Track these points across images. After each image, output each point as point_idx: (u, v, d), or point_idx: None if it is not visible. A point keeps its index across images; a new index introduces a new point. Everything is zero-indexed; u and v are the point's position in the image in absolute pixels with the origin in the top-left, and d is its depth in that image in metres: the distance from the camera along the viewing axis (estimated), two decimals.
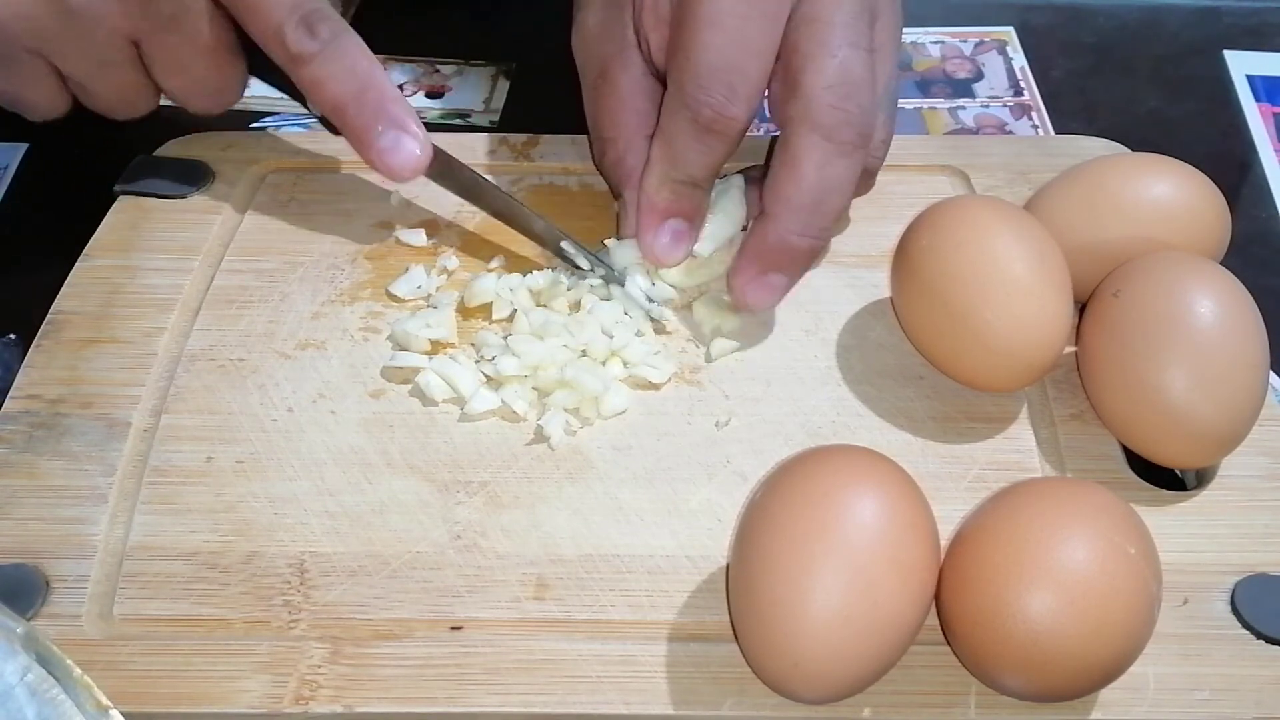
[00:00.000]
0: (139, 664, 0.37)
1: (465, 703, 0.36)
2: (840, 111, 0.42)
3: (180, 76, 0.46)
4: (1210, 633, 0.38)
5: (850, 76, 0.43)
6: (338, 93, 0.45)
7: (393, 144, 0.45)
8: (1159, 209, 0.45)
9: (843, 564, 0.34)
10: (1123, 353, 0.41)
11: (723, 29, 0.42)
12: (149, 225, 0.50)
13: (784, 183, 0.43)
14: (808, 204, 0.43)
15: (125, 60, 0.45)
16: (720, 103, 0.43)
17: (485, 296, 0.47)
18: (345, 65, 0.45)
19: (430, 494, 0.41)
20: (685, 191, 0.45)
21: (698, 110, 0.43)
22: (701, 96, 0.43)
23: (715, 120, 0.43)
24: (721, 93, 0.43)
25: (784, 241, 0.44)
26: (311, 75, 0.45)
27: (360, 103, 0.45)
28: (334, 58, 0.44)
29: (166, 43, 0.45)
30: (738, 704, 0.36)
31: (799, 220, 0.43)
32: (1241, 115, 0.63)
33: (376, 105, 0.45)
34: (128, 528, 0.40)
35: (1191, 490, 0.42)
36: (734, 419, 0.43)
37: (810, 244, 0.44)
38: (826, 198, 0.43)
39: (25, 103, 0.47)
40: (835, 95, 0.42)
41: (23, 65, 0.45)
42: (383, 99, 0.45)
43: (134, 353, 0.45)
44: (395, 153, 0.45)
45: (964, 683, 0.36)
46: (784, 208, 0.43)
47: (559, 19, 0.50)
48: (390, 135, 0.45)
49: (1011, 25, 0.68)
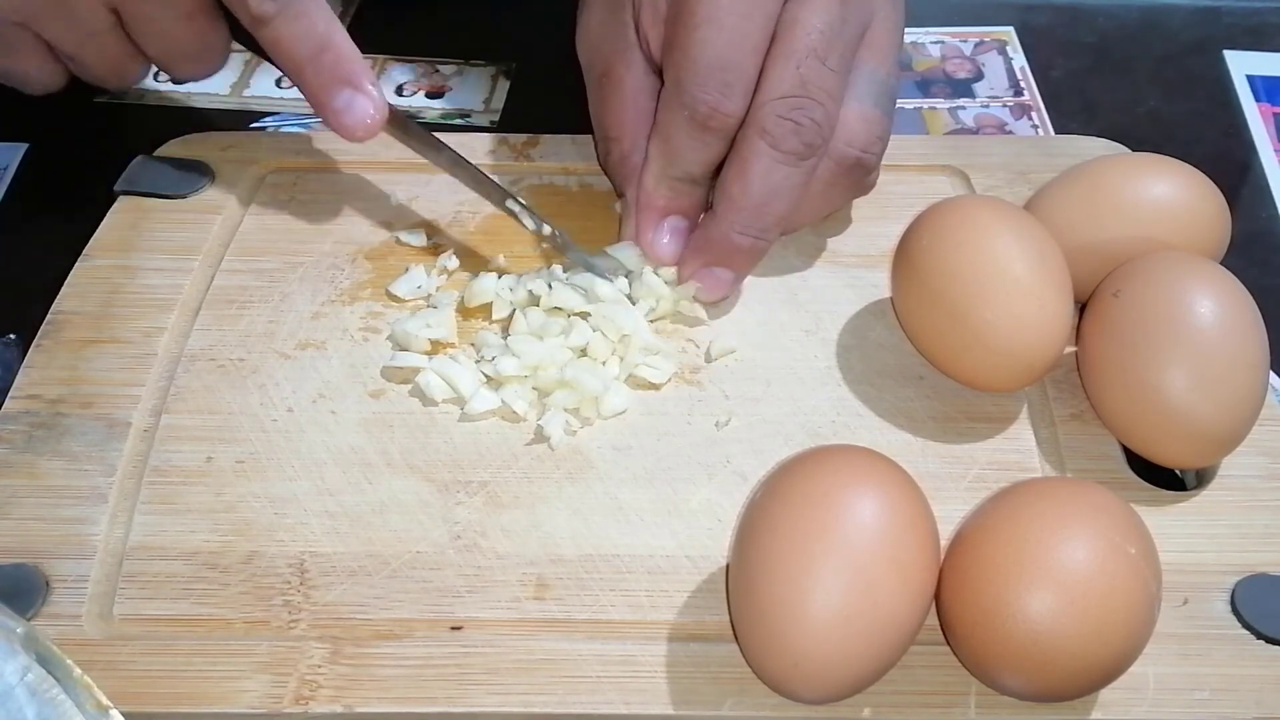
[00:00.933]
0: (139, 664, 0.37)
1: (465, 703, 0.36)
2: (788, 122, 0.43)
3: (162, 42, 0.48)
4: (1210, 633, 0.38)
5: (807, 89, 0.43)
6: (295, 53, 0.46)
7: (346, 104, 0.46)
8: (1159, 209, 0.45)
9: (843, 564, 0.34)
10: (1123, 353, 0.41)
11: (718, 26, 0.43)
12: (149, 225, 0.50)
13: (729, 182, 0.44)
14: (750, 206, 0.44)
15: (108, 28, 0.47)
16: (716, 99, 0.43)
17: (485, 296, 0.47)
18: (303, 26, 0.45)
19: (430, 494, 0.41)
20: (683, 189, 0.46)
21: (694, 107, 0.43)
22: (697, 93, 0.43)
23: (711, 116, 0.43)
24: (717, 89, 0.43)
25: (726, 238, 0.45)
26: (270, 35, 0.46)
27: (317, 64, 0.46)
28: (292, 18, 0.45)
29: (144, 10, 0.46)
30: (738, 704, 0.36)
31: (741, 220, 0.44)
32: (1241, 115, 0.63)
33: (332, 66, 0.45)
34: (128, 528, 0.40)
35: (1191, 490, 0.42)
36: (734, 419, 0.43)
37: (751, 243, 0.45)
38: (769, 201, 0.44)
39: (20, 77, 0.49)
40: (786, 106, 0.43)
41: (12, 40, 0.47)
42: (338, 59, 0.46)
43: (134, 353, 0.45)
44: (349, 113, 0.46)
45: (964, 683, 0.36)
46: (728, 206, 0.44)
47: (559, 19, 0.50)
48: (345, 95, 0.46)
49: (1011, 25, 0.68)
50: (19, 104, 0.61)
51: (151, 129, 0.54)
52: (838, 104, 0.44)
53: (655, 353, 0.45)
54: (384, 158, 0.53)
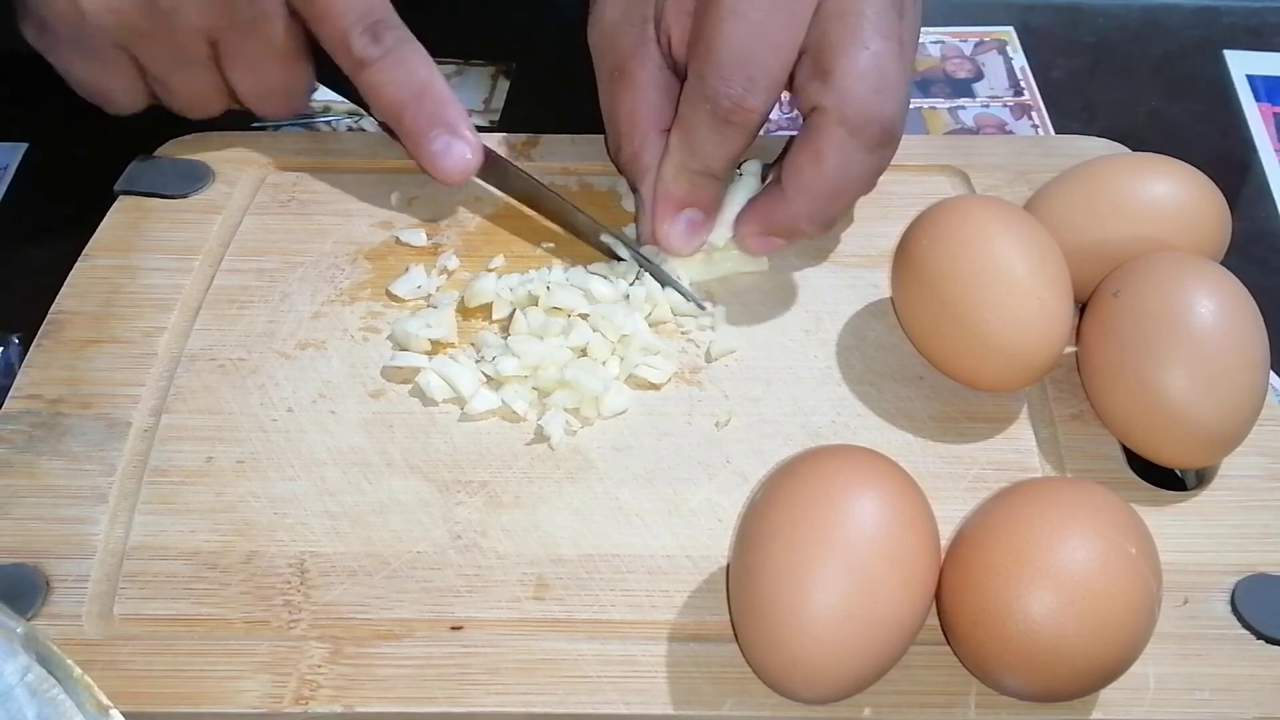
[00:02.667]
0: (139, 664, 0.37)
1: (465, 703, 0.36)
2: (872, 106, 0.42)
3: (253, 77, 0.49)
4: (1210, 633, 0.38)
5: (883, 70, 0.43)
6: (396, 98, 0.47)
7: (444, 148, 0.47)
8: (1159, 209, 0.45)
9: (843, 564, 0.34)
10: (1123, 353, 0.41)
11: (745, 21, 0.42)
12: (149, 225, 0.50)
13: (805, 169, 0.44)
14: (824, 194, 0.44)
15: (203, 59, 0.48)
16: (739, 94, 0.43)
17: (485, 296, 0.47)
18: (405, 71, 0.47)
19: (430, 494, 0.41)
20: (702, 182, 0.45)
21: (717, 101, 0.43)
22: (721, 87, 0.43)
23: (734, 111, 0.43)
24: (741, 84, 0.43)
25: (793, 223, 0.45)
26: (371, 80, 0.47)
27: (417, 108, 0.47)
28: (395, 64, 0.47)
29: (243, 44, 0.47)
30: (738, 704, 0.36)
31: (812, 207, 0.44)
32: (1241, 115, 0.63)
33: (432, 110, 0.47)
34: (128, 528, 0.40)
35: (1191, 490, 0.42)
36: (734, 419, 0.43)
37: (817, 230, 0.46)
38: (843, 190, 0.44)
39: (105, 95, 0.49)
40: (867, 88, 0.42)
41: (107, 58, 0.48)
42: (438, 104, 0.47)
43: (134, 353, 0.45)
44: (446, 156, 0.47)
45: (964, 683, 0.36)
46: (800, 193, 0.44)
47: (559, 19, 0.50)
48: (443, 140, 0.47)
49: (1011, 25, 0.68)
50: (19, 104, 0.61)
51: (151, 129, 0.54)
52: (908, 86, 0.44)
53: (655, 353, 0.45)
54: (384, 158, 0.53)
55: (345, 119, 0.61)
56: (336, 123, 0.61)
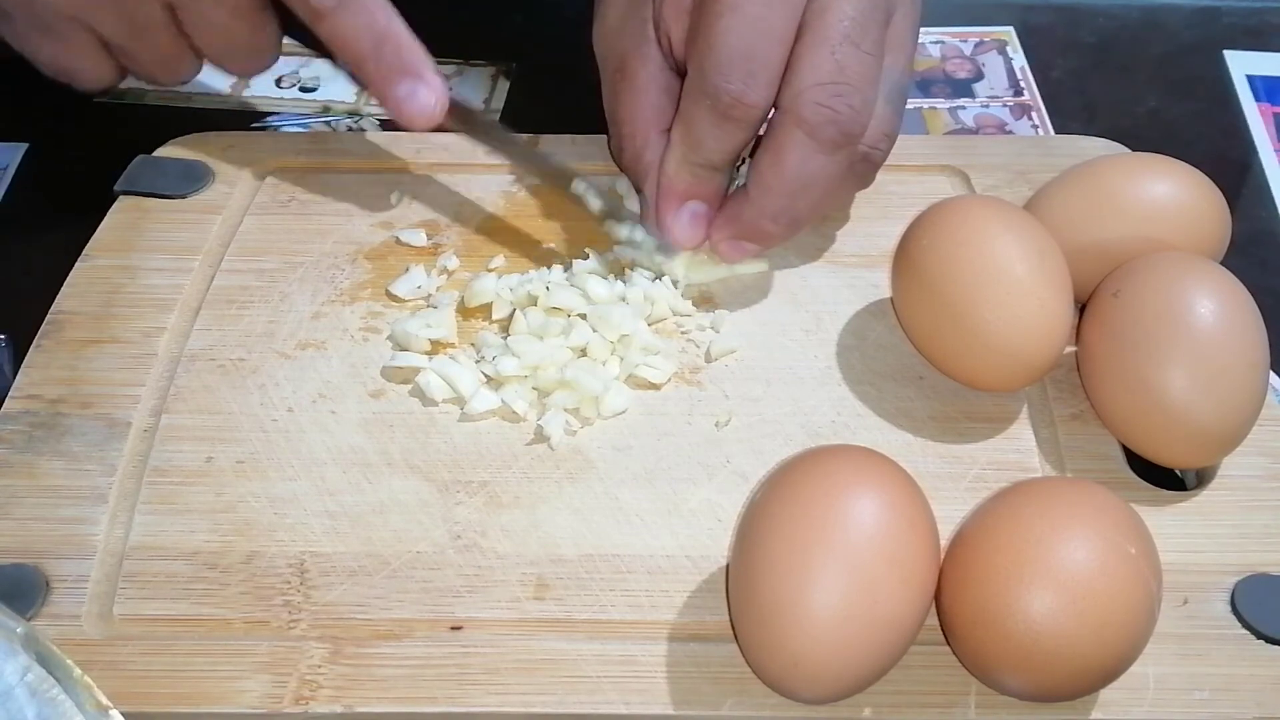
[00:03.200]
0: (139, 664, 0.37)
1: (465, 703, 0.36)
2: (826, 110, 0.42)
3: (215, 37, 0.48)
4: (1210, 633, 0.38)
5: (845, 76, 0.42)
6: (356, 46, 0.46)
7: (409, 93, 0.46)
8: (1159, 209, 0.45)
9: (843, 564, 0.34)
10: (1123, 353, 0.41)
11: (744, 15, 0.42)
12: (149, 225, 0.50)
13: (764, 169, 0.44)
14: (785, 193, 0.44)
15: (161, 23, 0.47)
16: (740, 89, 0.43)
17: (485, 296, 0.47)
18: (363, 18, 0.46)
19: (430, 494, 0.41)
20: (705, 175, 0.45)
21: (717, 96, 0.43)
22: (721, 83, 0.43)
23: (734, 106, 0.43)
24: (741, 79, 0.42)
25: (757, 224, 0.45)
26: (330, 30, 0.46)
27: (378, 55, 0.46)
28: (352, 12, 0.46)
29: (198, 5, 0.47)
30: (738, 704, 0.36)
31: (774, 206, 0.44)
32: (1241, 115, 0.63)
33: (393, 56, 0.46)
34: (128, 528, 0.40)
35: (1191, 490, 0.42)
36: (734, 419, 0.43)
37: (783, 230, 0.45)
38: (804, 190, 0.44)
39: (73, 72, 0.49)
40: (825, 93, 0.42)
41: (66, 34, 0.47)
42: (399, 50, 0.46)
43: (134, 353, 0.45)
44: (411, 101, 0.46)
45: (964, 683, 0.36)
46: (761, 192, 0.44)
47: (559, 19, 0.50)
48: (406, 85, 0.46)
49: (1011, 25, 0.68)
50: (19, 104, 0.61)
51: (151, 129, 0.54)
52: (875, 90, 0.44)
53: (655, 353, 0.45)
54: (384, 158, 0.53)
55: (345, 119, 0.62)
56: (336, 123, 0.61)
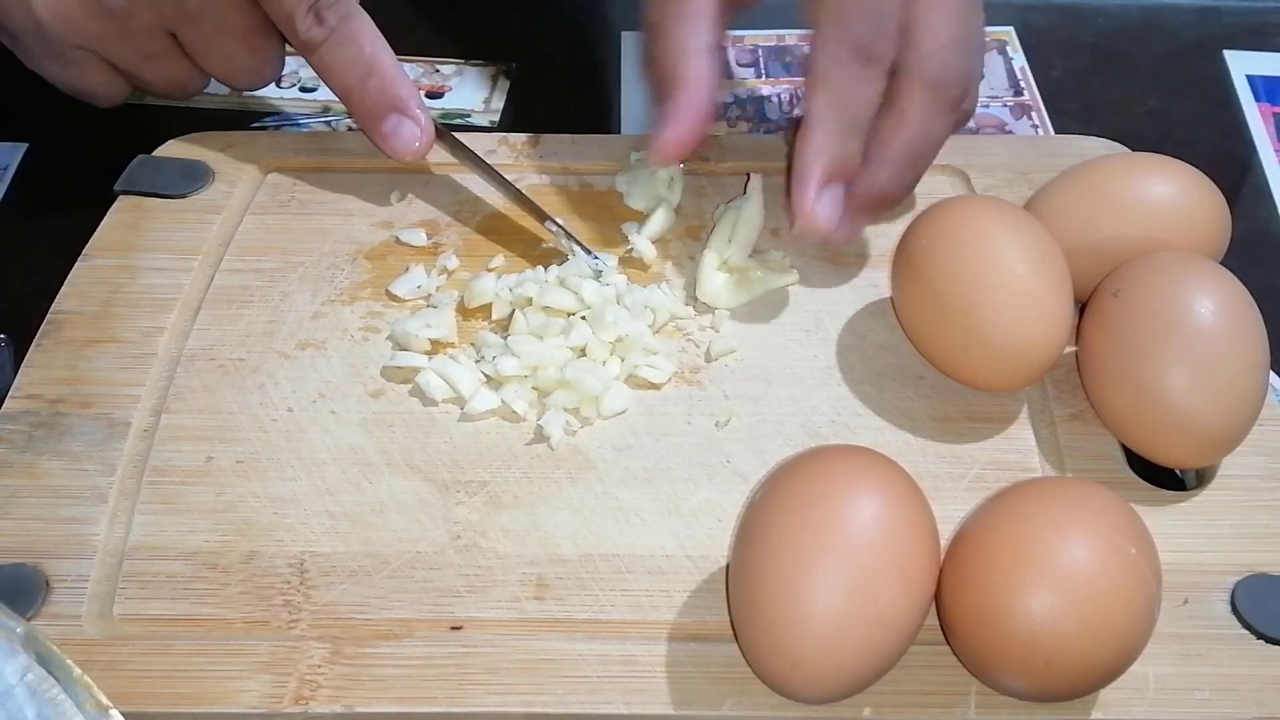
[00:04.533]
0: (139, 664, 0.37)
1: (465, 703, 0.36)
2: (951, 69, 0.44)
3: (218, 60, 0.49)
4: (1210, 633, 0.38)
5: (964, 33, 0.44)
6: (343, 79, 0.47)
7: (393, 129, 0.48)
8: (1159, 209, 0.45)
9: (843, 564, 0.34)
10: (1123, 353, 0.41)
11: None
12: (149, 225, 0.50)
13: (887, 132, 0.44)
14: (908, 156, 0.45)
15: (166, 50, 0.48)
16: (876, 31, 0.43)
17: (485, 297, 0.47)
18: (351, 52, 0.47)
19: (430, 494, 0.41)
20: (849, 143, 0.44)
21: (859, 40, 0.43)
22: (861, 27, 0.43)
23: (875, 44, 0.43)
24: (875, 22, 0.43)
25: (880, 190, 0.45)
26: (320, 62, 0.47)
27: (364, 89, 0.47)
28: (340, 45, 0.47)
29: (200, 31, 0.48)
30: (738, 704, 0.36)
31: (898, 170, 0.45)
32: (1241, 115, 0.63)
33: (379, 91, 0.47)
34: (128, 528, 0.40)
35: (1191, 490, 0.42)
36: (734, 419, 0.43)
37: (900, 193, 0.46)
38: (925, 150, 0.45)
39: (87, 93, 0.50)
40: (951, 54, 0.44)
41: (76, 60, 0.48)
42: (384, 84, 0.47)
43: (134, 353, 0.45)
44: (396, 137, 0.48)
45: (964, 683, 0.36)
46: (885, 156, 0.45)
47: (559, 19, 0.50)
48: (391, 120, 0.48)
49: (1011, 25, 0.68)
50: (19, 104, 0.61)
51: (151, 129, 0.54)
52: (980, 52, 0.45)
53: (655, 353, 0.45)
54: (384, 158, 0.53)
55: (345, 119, 0.61)
56: (336, 123, 0.61)
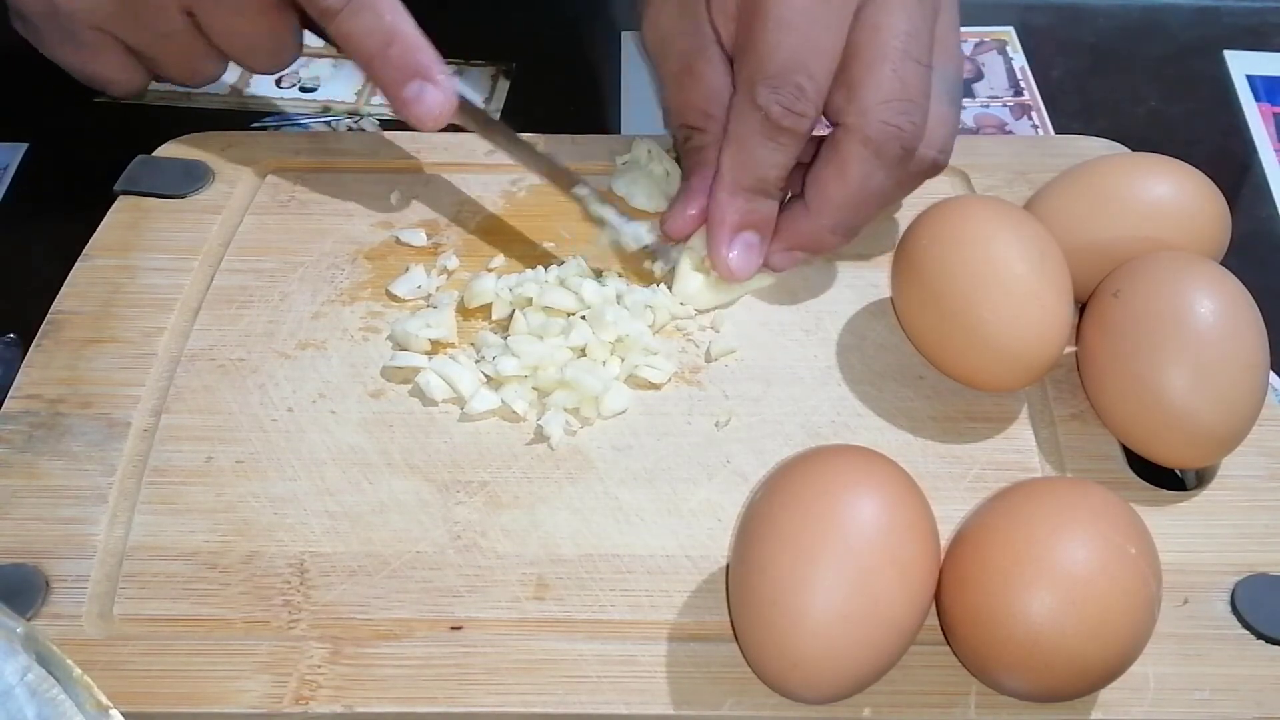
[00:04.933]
0: (139, 664, 0.37)
1: (465, 703, 0.36)
2: (893, 128, 0.44)
3: (236, 39, 0.49)
4: (1210, 633, 0.38)
5: (906, 93, 0.44)
6: (364, 46, 0.47)
7: (416, 94, 0.47)
8: (1159, 209, 0.45)
9: (843, 564, 0.34)
10: (1123, 353, 0.41)
11: (792, 29, 0.43)
12: (149, 225, 0.50)
13: (828, 183, 0.45)
14: (848, 206, 0.45)
15: (183, 29, 0.48)
16: (790, 100, 0.44)
17: (485, 297, 0.47)
18: (371, 18, 0.46)
19: (430, 494, 0.41)
20: (757, 200, 0.46)
21: (769, 108, 0.44)
22: (771, 96, 0.44)
23: (784, 117, 0.44)
24: (792, 92, 0.43)
25: (817, 235, 0.46)
26: (339, 29, 0.47)
27: (385, 56, 0.47)
28: (359, 11, 0.46)
29: (217, 8, 0.47)
30: (738, 704, 0.36)
31: (836, 218, 0.46)
32: (1241, 115, 0.63)
33: (401, 57, 0.47)
34: (128, 528, 0.40)
35: (1191, 490, 0.42)
36: (734, 419, 0.43)
37: (841, 240, 0.47)
38: (865, 203, 0.46)
39: (102, 79, 0.50)
40: (891, 111, 0.43)
41: (91, 42, 0.48)
42: (407, 50, 0.47)
43: (134, 353, 0.45)
44: (419, 102, 0.47)
45: (964, 683, 0.36)
46: (823, 204, 0.45)
47: (559, 19, 0.50)
48: (414, 86, 0.47)
49: (1011, 25, 0.68)
50: (19, 104, 0.61)
51: (151, 129, 0.54)
52: (929, 101, 0.45)
53: (655, 353, 0.45)
54: (384, 158, 0.53)
55: (345, 119, 0.62)
56: (336, 123, 0.61)
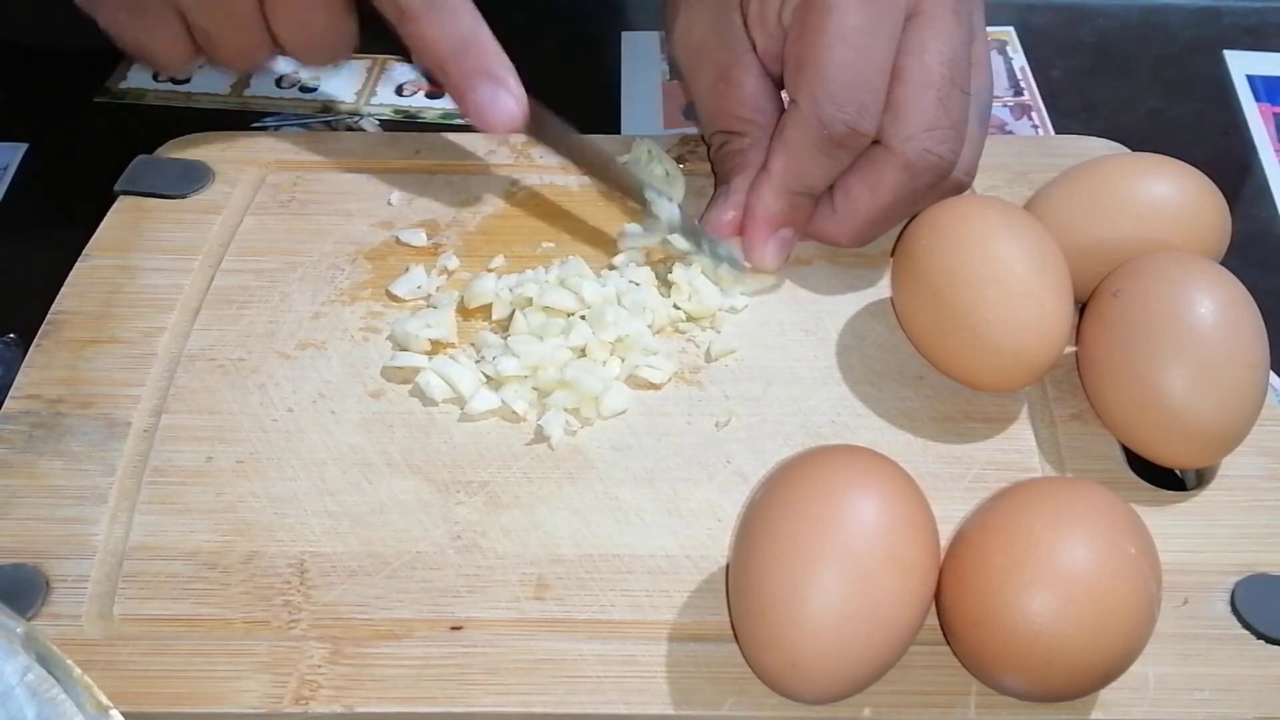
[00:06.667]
0: (139, 664, 0.37)
1: (465, 703, 0.36)
2: (933, 157, 0.45)
3: (297, 30, 0.48)
4: (1210, 633, 0.38)
5: (949, 119, 0.45)
6: (440, 49, 0.47)
7: (489, 99, 0.47)
8: (1159, 209, 0.45)
9: (843, 564, 0.34)
10: (1123, 353, 0.41)
11: (851, 46, 0.44)
12: (149, 225, 0.50)
13: (860, 197, 0.46)
14: (875, 220, 0.47)
15: (249, 12, 0.48)
16: (854, 118, 0.44)
17: (485, 297, 0.47)
18: (450, 22, 0.47)
19: (430, 494, 0.41)
20: (801, 203, 0.47)
21: (832, 126, 0.44)
22: (835, 113, 0.44)
23: (848, 136, 0.44)
24: (855, 109, 0.44)
25: (836, 239, 0.48)
26: (416, 31, 0.47)
27: (460, 59, 0.47)
28: (439, 15, 0.47)
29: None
30: (738, 704, 0.36)
31: (858, 229, 0.47)
32: (1241, 115, 0.63)
33: (476, 62, 0.47)
34: (128, 528, 0.40)
35: (1191, 490, 0.42)
36: (734, 419, 0.43)
37: (860, 244, 0.48)
38: (891, 219, 0.47)
39: (151, 52, 0.49)
40: (933, 139, 0.44)
41: (156, 16, 0.48)
42: (483, 55, 0.47)
43: (134, 353, 0.45)
44: (492, 108, 0.47)
45: (964, 683, 0.36)
46: (852, 215, 0.47)
47: (559, 19, 0.50)
48: (488, 89, 0.47)
49: (1011, 25, 0.68)
50: (19, 104, 0.61)
51: (151, 129, 0.54)
52: (966, 127, 0.46)
53: (655, 353, 0.45)
54: (384, 158, 0.53)
55: (345, 119, 0.62)
56: (336, 123, 0.61)
